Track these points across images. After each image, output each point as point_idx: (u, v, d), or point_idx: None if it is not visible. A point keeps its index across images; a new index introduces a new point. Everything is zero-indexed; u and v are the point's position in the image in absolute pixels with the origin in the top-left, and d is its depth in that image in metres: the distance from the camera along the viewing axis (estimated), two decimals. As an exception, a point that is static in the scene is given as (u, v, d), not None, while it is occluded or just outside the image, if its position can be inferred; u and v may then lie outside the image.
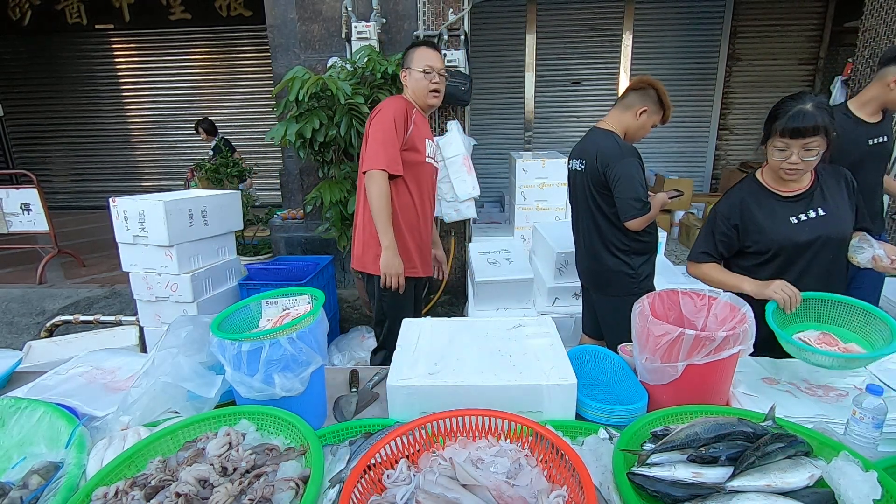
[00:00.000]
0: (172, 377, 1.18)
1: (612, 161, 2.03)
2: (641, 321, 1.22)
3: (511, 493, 0.87)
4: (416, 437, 0.98)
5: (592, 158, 2.10)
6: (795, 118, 1.50)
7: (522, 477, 0.91)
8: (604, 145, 2.08)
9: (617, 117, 2.15)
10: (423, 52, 2.13)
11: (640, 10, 5.93)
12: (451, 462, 0.93)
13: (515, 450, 0.97)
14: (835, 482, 0.85)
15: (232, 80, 7.48)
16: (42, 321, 3.88)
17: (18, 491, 0.93)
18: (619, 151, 2.03)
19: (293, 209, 4.46)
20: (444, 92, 2.19)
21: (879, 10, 3.49)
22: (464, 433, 1.01)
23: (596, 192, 2.13)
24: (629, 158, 2.02)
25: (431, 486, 0.88)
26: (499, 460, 0.94)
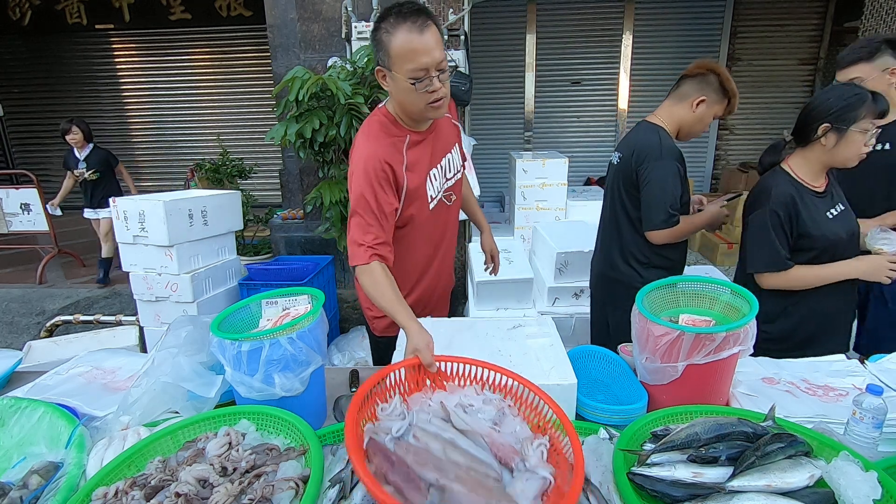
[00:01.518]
0: (172, 377, 1.18)
1: (647, 159, 1.78)
2: (641, 321, 1.22)
3: (499, 439, 0.91)
4: (408, 375, 1.05)
5: (629, 153, 1.86)
6: (880, 101, 1.48)
7: (507, 424, 0.96)
8: (644, 141, 1.83)
9: (668, 110, 1.88)
10: (401, 38, 1.26)
11: (640, 10, 5.93)
12: (441, 406, 0.98)
13: (499, 400, 1.02)
14: (835, 482, 0.85)
15: (232, 80, 7.47)
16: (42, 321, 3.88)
17: (18, 491, 0.93)
18: (658, 150, 1.78)
19: (293, 209, 4.46)
20: (448, 89, 1.38)
21: (879, 10, 3.49)
22: (452, 379, 1.08)
23: (625, 191, 1.90)
24: (668, 161, 1.77)
25: (426, 424, 0.92)
26: (485, 407, 0.99)
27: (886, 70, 1.85)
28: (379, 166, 1.36)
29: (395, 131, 1.44)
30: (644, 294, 1.31)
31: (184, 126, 7.75)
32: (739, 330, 1.11)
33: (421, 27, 1.25)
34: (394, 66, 1.30)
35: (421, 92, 1.31)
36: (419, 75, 1.28)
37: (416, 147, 1.46)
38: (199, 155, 6.64)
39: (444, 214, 1.60)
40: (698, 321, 1.24)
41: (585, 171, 6.51)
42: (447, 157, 1.56)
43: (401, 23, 1.25)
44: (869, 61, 1.87)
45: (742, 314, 1.20)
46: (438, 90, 1.32)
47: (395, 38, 1.26)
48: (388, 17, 1.28)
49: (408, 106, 1.38)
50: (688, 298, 1.35)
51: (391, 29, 1.27)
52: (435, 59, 1.28)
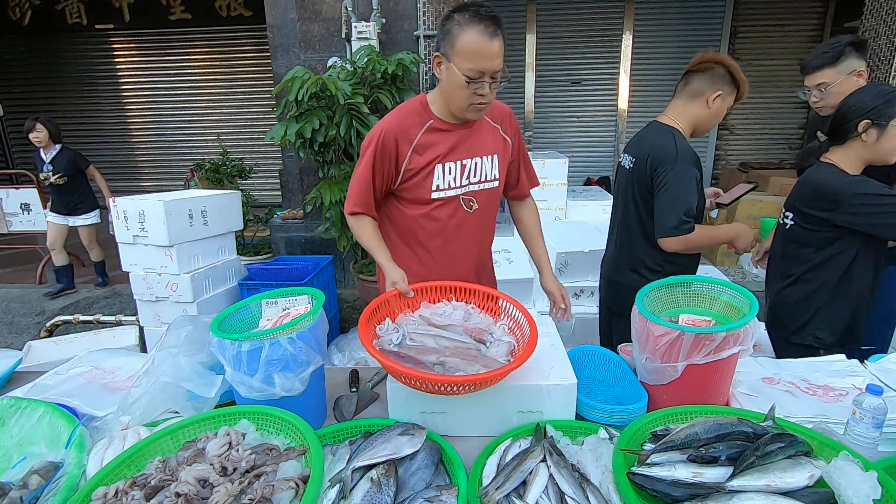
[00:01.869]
0: (172, 377, 1.18)
1: (663, 164, 1.71)
2: (641, 321, 1.22)
3: (471, 326, 1.30)
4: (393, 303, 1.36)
5: (643, 157, 1.79)
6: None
7: (474, 318, 1.34)
8: (660, 144, 1.76)
9: (681, 109, 1.80)
10: (471, 37, 1.29)
11: (640, 10, 5.93)
12: (421, 317, 1.33)
13: (463, 305, 1.37)
14: (835, 482, 0.85)
15: (232, 80, 7.47)
16: (42, 321, 3.88)
17: (18, 491, 0.93)
18: (673, 153, 1.71)
19: (293, 209, 4.46)
20: (493, 97, 1.43)
21: (879, 10, 3.49)
22: (426, 298, 1.40)
23: (639, 196, 1.83)
24: (686, 165, 1.71)
25: (416, 329, 1.27)
26: (455, 312, 1.35)
27: (853, 72, 1.83)
28: (384, 137, 1.45)
29: (421, 113, 1.49)
30: (644, 294, 1.31)
31: (184, 126, 7.75)
32: (739, 330, 1.11)
33: (492, 34, 1.29)
34: (453, 59, 1.34)
35: (470, 92, 1.35)
36: (474, 76, 1.33)
37: (435, 133, 1.48)
38: (199, 155, 6.64)
39: (463, 219, 1.58)
40: (698, 321, 1.24)
41: (585, 171, 6.52)
42: (475, 161, 1.54)
43: (475, 23, 1.29)
44: (833, 65, 1.85)
45: (742, 314, 1.20)
46: (485, 95, 1.37)
47: (465, 34, 1.30)
48: (465, 12, 1.31)
49: (452, 99, 1.42)
50: (688, 298, 1.35)
51: (464, 24, 1.30)
52: (494, 67, 1.33)
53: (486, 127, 1.57)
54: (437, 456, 1.05)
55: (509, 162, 1.65)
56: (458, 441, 1.14)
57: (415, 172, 1.48)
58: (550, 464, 0.97)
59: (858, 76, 1.84)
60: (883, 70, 3.43)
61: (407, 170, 1.48)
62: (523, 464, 0.96)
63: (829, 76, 1.87)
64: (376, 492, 0.92)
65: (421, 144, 1.47)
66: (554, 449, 1.01)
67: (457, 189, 1.54)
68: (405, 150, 1.46)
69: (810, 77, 1.92)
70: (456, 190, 1.54)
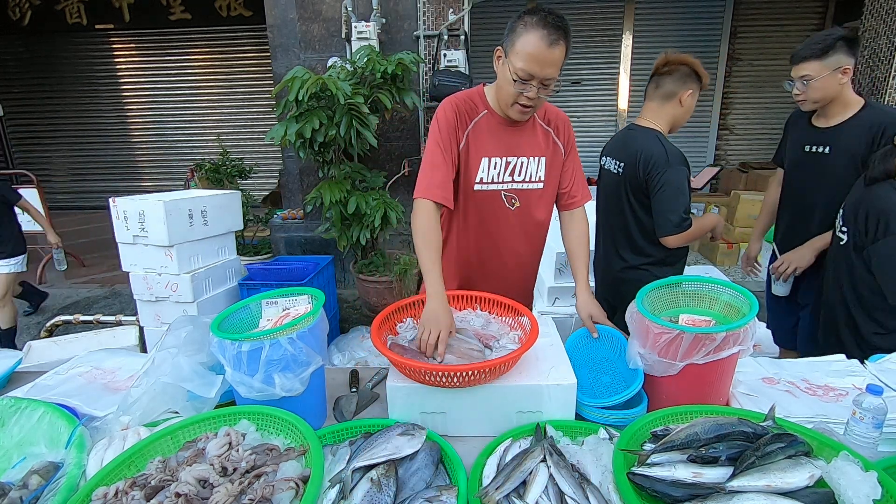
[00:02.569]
0: (172, 377, 1.18)
1: (657, 168, 1.79)
2: (641, 321, 1.22)
3: (483, 332, 1.36)
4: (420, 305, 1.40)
5: (633, 161, 1.86)
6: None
7: (491, 326, 1.41)
8: (649, 148, 1.83)
9: (657, 111, 1.90)
10: (531, 40, 1.31)
11: (640, 10, 5.93)
12: None
13: (486, 315, 1.45)
14: (835, 482, 0.85)
15: (232, 80, 7.48)
16: (42, 321, 3.88)
17: (18, 491, 0.93)
18: (665, 157, 1.78)
19: (293, 209, 4.46)
20: (541, 103, 1.48)
21: (879, 10, 3.49)
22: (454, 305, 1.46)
23: (633, 197, 1.90)
24: (678, 167, 1.79)
25: None
26: (476, 319, 1.44)
27: (838, 69, 1.78)
28: (451, 115, 1.49)
29: (478, 102, 1.53)
30: (644, 294, 1.31)
31: (184, 126, 7.75)
32: (739, 330, 1.11)
33: (552, 41, 1.31)
34: (510, 56, 1.37)
35: (516, 90, 1.39)
36: (524, 77, 1.35)
37: (487, 124, 1.53)
38: (199, 155, 6.64)
39: (503, 217, 1.60)
40: (698, 321, 1.24)
41: (585, 171, 6.50)
42: (520, 160, 1.56)
43: (539, 27, 1.31)
44: (821, 59, 1.80)
45: (742, 314, 1.20)
46: (532, 99, 1.40)
47: (527, 35, 1.32)
48: (535, 15, 1.33)
49: (501, 94, 1.47)
50: (688, 298, 1.35)
51: (529, 26, 1.33)
52: (545, 73, 1.35)
53: (537, 128, 1.59)
54: (437, 456, 1.05)
55: (561, 168, 1.65)
56: (458, 441, 1.14)
57: (464, 156, 1.52)
58: (550, 464, 0.97)
59: (843, 73, 1.79)
60: (883, 70, 3.43)
61: (460, 151, 1.51)
62: (523, 464, 0.96)
63: (814, 69, 1.82)
64: (376, 492, 0.92)
65: (473, 132, 1.51)
66: (554, 449, 1.01)
67: (499, 184, 1.56)
68: (462, 134, 1.51)
69: (796, 68, 1.89)
70: (498, 185, 1.56)
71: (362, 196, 3.41)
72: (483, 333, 1.36)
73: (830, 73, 1.79)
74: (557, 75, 1.38)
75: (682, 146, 1.89)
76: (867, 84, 3.58)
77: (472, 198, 1.56)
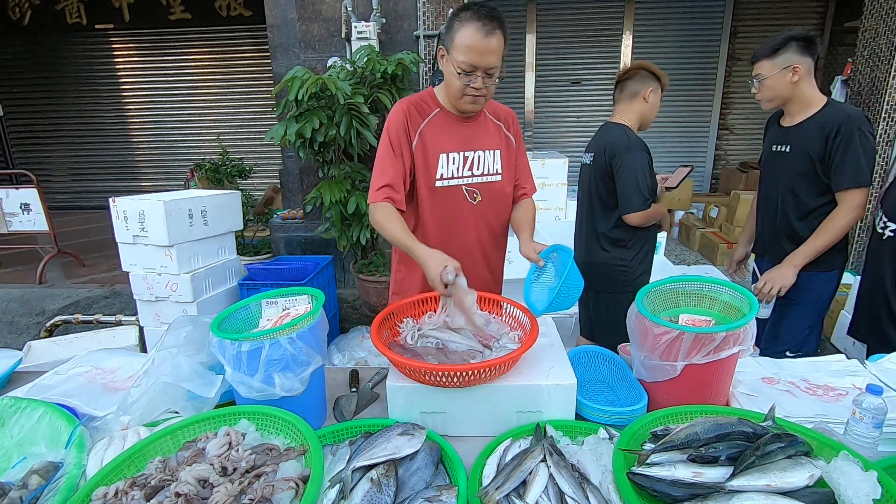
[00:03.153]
0: (172, 377, 1.18)
1: (619, 152, 2.02)
2: (640, 321, 1.22)
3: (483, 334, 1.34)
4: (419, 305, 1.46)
5: (601, 150, 2.10)
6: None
7: (492, 326, 1.39)
8: (613, 137, 2.08)
9: (625, 109, 2.14)
10: (468, 33, 1.38)
11: (640, 10, 5.93)
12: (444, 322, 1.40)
13: (486, 315, 1.42)
14: (835, 482, 0.85)
15: (232, 80, 7.47)
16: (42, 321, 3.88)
17: (18, 491, 0.93)
18: (627, 143, 2.02)
19: (293, 209, 4.46)
20: (490, 93, 1.52)
21: (879, 10, 3.49)
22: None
23: (601, 182, 2.13)
24: (637, 152, 2.01)
25: (431, 328, 1.38)
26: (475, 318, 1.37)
27: (788, 67, 1.80)
28: (401, 116, 1.53)
29: (429, 102, 1.59)
30: (644, 294, 1.31)
31: (184, 126, 7.74)
32: (739, 330, 1.11)
33: (488, 32, 1.38)
34: (452, 52, 1.45)
35: (462, 83, 1.45)
36: (467, 69, 1.42)
37: (441, 122, 1.58)
38: (199, 155, 6.64)
39: (466, 211, 1.63)
40: (698, 321, 1.24)
41: (585, 170, 6.51)
42: (478, 154, 1.61)
43: (474, 20, 1.38)
44: (771, 58, 1.84)
45: (742, 314, 1.20)
46: (479, 89, 1.46)
47: (463, 30, 1.40)
48: (469, 10, 1.41)
49: (449, 88, 1.52)
50: (688, 298, 1.35)
51: (464, 20, 1.40)
52: (486, 63, 1.42)
53: (489, 123, 1.65)
54: (437, 456, 1.05)
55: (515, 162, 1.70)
56: (458, 441, 1.14)
57: (421, 157, 1.55)
58: (550, 464, 0.97)
59: (794, 72, 1.80)
60: (883, 70, 3.42)
61: (414, 152, 1.55)
62: (523, 464, 0.96)
63: (765, 68, 1.85)
64: (376, 492, 0.92)
65: (425, 131, 1.55)
66: (554, 449, 1.01)
67: (460, 179, 1.60)
68: (413, 134, 1.54)
69: (754, 68, 1.92)
70: (459, 180, 1.60)
71: (362, 196, 3.41)
72: (484, 336, 1.36)
73: (780, 71, 1.82)
74: (499, 63, 1.44)
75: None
76: (867, 84, 3.58)
77: (435, 195, 1.58)
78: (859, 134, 1.73)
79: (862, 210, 1.80)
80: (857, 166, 1.75)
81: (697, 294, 1.34)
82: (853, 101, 3.72)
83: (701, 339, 1.11)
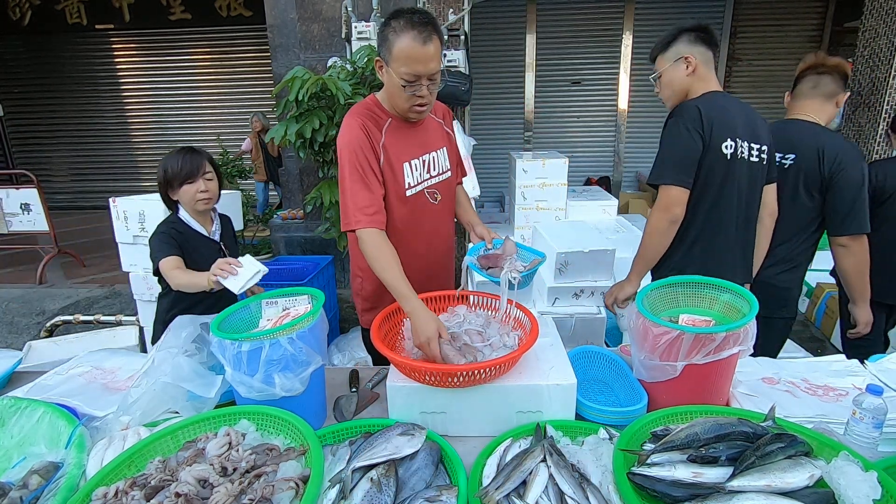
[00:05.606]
0: (172, 377, 1.18)
1: (848, 164, 1.73)
2: (640, 321, 1.22)
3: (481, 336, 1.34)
4: None
5: (813, 154, 1.79)
6: None
7: (492, 328, 1.38)
8: (833, 142, 1.78)
9: (820, 109, 1.87)
10: (405, 43, 1.34)
11: (640, 10, 5.93)
12: None
13: (486, 315, 1.44)
14: (835, 482, 0.85)
15: (232, 80, 7.47)
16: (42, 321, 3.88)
17: (18, 491, 0.93)
18: (854, 154, 1.77)
19: (293, 209, 4.46)
20: (434, 97, 1.50)
21: (879, 10, 3.49)
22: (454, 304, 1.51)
23: (807, 193, 1.82)
24: (864, 163, 1.77)
25: None
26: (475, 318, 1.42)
27: (679, 58, 1.73)
28: (361, 134, 1.47)
29: (379, 113, 1.53)
30: (644, 294, 1.31)
31: (184, 126, 7.75)
32: (739, 330, 1.11)
33: (425, 39, 1.34)
34: (391, 63, 1.40)
35: (408, 93, 1.42)
36: (411, 79, 1.38)
37: (396, 131, 1.54)
38: (199, 155, 6.62)
39: (430, 212, 1.64)
40: (698, 321, 1.24)
41: (585, 171, 6.51)
42: (431, 155, 1.63)
43: (408, 29, 1.34)
44: (663, 52, 1.78)
45: (742, 314, 1.20)
46: (425, 97, 1.44)
47: (400, 40, 1.35)
48: (400, 19, 1.36)
49: (394, 100, 1.49)
50: (688, 298, 1.35)
51: (399, 31, 1.35)
52: (429, 70, 1.38)
53: (433, 123, 1.66)
54: (437, 456, 1.05)
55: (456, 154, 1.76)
56: (458, 441, 1.14)
57: (389, 169, 1.52)
58: (550, 464, 0.97)
59: (686, 62, 1.72)
60: (883, 70, 3.42)
61: (383, 166, 1.51)
62: (523, 464, 0.96)
63: (660, 64, 1.79)
64: (376, 492, 0.92)
65: (386, 144, 1.52)
66: (554, 449, 1.01)
67: (423, 183, 1.61)
68: (378, 149, 1.50)
69: (654, 67, 1.84)
70: (422, 185, 1.61)
71: (362, 196, 3.40)
72: (483, 334, 1.36)
73: (672, 64, 1.75)
74: (440, 67, 1.41)
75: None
76: (867, 84, 3.58)
77: (405, 203, 1.58)
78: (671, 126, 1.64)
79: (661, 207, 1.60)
80: (656, 162, 1.64)
81: (697, 294, 1.35)
82: (853, 101, 3.72)
83: (701, 339, 1.11)
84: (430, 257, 1.69)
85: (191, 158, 1.79)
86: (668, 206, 1.57)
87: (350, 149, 1.47)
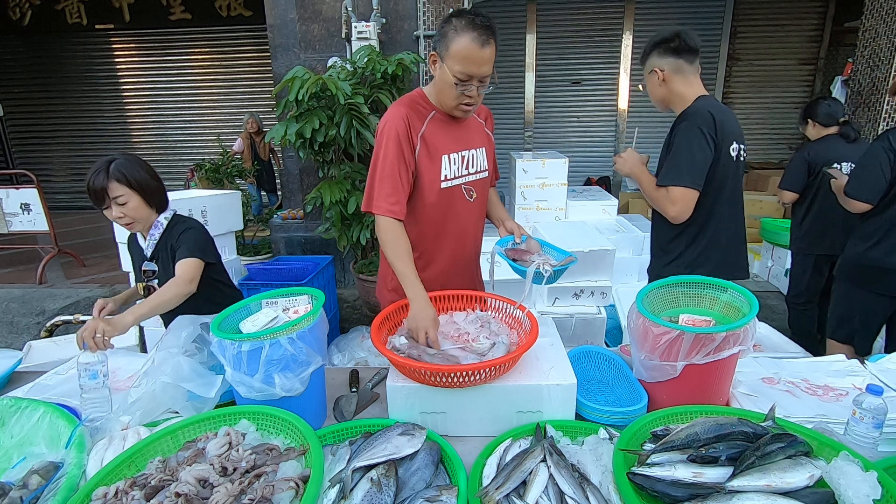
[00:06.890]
0: (172, 377, 1.18)
1: None
2: (640, 321, 1.22)
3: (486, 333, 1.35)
4: None
5: None
6: None
7: (491, 327, 1.39)
8: None
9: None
10: (464, 43, 1.37)
11: (640, 10, 5.93)
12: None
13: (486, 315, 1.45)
14: (835, 482, 0.85)
15: (232, 80, 7.48)
16: (42, 321, 3.88)
17: (18, 491, 0.93)
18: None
19: (293, 209, 4.46)
20: (481, 99, 1.53)
21: (879, 10, 3.49)
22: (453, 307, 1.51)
23: None
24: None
25: None
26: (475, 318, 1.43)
27: (653, 72, 1.79)
28: (401, 123, 1.49)
29: (424, 104, 1.57)
30: (644, 294, 1.31)
31: (184, 126, 7.75)
32: (739, 330, 1.11)
33: (483, 42, 1.38)
34: (447, 60, 1.43)
35: (458, 92, 1.45)
36: (463, 78, 1.42)
37: (438, 124, 1.57)
38: (199, 155, 6.64)
39: (464, 209, 1.66)
40: (698, 321, 1.24)
41: (585, 171, 6.52)
42: (471, 153, 1.65)
43: (469, 30, 1.37)
44: (643, 65, 1.86)
45: (742, 314, 1.20)
46: (473, 97, 1.48)
47: (459, 39, 1.38)
48: (462, 18, 1.40)
49: (443, 96, 1.52)
50: (688, 298, 1.35)
51: (459, 30, 1.39)
52: (482, 72, 1.43)
53: (475, 123, 1.70)
54: (437, 456, 1.05)
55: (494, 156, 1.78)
56: (458, 441, 1.14)
57: (426, 159, 1.55)
58: (550, 464, 0.97)
59: (656, 75, 1.77)
60: (883, 70, 3.43)
61: (419, 156, 1.54)
62: (523, 464, 0.96)
63: (644, 75, 1.87)
64: (376, 492, 0.92)
65: (427, 134, 1.54)
66: (554, 449, 1.01)
67: (459, 179, 1.63)
68: (416, 139, 1.53)
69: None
70: (459, 179, 1.63)
71: (362, 196, 3.41)
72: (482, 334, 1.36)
73: (647, 76, 1.84)
74: (491, 71, 1.45)
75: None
76: (867, 84, 3.58)
77: (439, 196, 1.59)
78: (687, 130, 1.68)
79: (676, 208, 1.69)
80: (673, 163, 1.69)
81: (697, 294, 1.35)
82: (853, 100, 3.73)
83: (701, 339, 1.11)
84: (456, 256, 1.70)
85: (95, 186, 1.57)
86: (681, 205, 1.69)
87: (388, 136, 1.49)
